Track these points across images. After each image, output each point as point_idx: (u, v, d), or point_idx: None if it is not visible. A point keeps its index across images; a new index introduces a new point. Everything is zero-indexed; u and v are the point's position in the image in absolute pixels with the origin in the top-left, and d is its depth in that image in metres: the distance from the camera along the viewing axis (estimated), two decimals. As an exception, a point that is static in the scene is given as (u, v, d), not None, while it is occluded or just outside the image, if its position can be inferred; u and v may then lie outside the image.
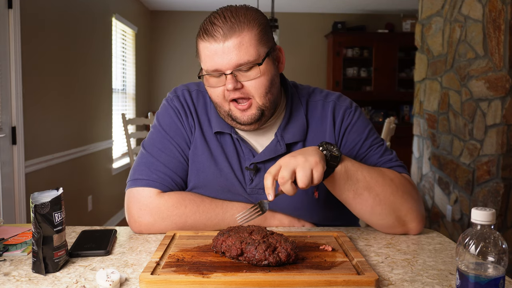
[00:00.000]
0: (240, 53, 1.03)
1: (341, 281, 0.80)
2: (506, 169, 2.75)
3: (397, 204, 1.07)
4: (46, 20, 3.02)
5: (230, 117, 1.10)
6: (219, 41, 1.03)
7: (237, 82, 1.05)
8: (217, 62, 1.04)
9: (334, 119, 1.19)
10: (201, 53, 1.07)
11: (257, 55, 1.04)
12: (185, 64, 6.34)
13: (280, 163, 0.97)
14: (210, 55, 1.04)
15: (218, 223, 1.13)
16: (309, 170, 0.94)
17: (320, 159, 0.96)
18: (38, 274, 0.86)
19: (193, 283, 0.79)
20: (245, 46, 1.03)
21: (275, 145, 1.15)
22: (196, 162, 1.17)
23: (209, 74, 1.06)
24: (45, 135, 3.02)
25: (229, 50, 1.02)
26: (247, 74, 1.05)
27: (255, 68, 1.05)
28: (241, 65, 1.03)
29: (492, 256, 0.68)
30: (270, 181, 0.95)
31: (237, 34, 1.03)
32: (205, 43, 1.05)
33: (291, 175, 0.94)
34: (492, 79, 2.80)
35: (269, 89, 1.08)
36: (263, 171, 1.15)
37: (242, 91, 1.06)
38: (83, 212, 3.72)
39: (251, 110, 1.08)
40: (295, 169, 0.94)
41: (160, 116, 1.21)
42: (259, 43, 1.05)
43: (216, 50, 1.03)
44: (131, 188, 1.15)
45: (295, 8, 6.14)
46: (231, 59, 1.03)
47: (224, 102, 1.09)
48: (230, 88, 1.04)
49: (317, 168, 0.95)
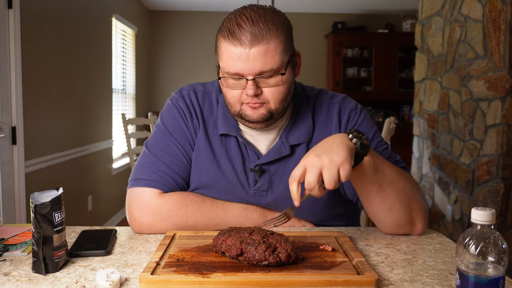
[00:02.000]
0: (264, 61, 1.01)
1: (341, 281, 0.80)
2: (506, 169, 2.75)
3: (412, 202, 1.08)
4: (46, 20, 3.02)
5: (240, 115, 1.10)
6: (245, 47, 1.00)
7: (257, 88, 1.04)
8: (240, 67, 1.02)
9: (339, 121, 1.19)
10: (223, 54, 1.05)
11: (280, 63, 1.03)
12: (185, 64, 6.34)
13: (305, 164, 0.92)
14: (234, 59, 1.02)
15: (219, 223, 1.13)
16: (336, 170, 0.90)
17: (347, 154, 0.92)
18: (38, 274, 0.86)
19: (193, 283, 0.79)
20: (271, 54, 1.01)
21: (279, 146, 1.15)
22: (198, 163, 1.17)
23: (230, 77, 1.05)
24: (45, 135, 3.02)
25: (254, 57, 1.00)
26: (268, 81, 1.04)
27: (277, 76, 1.04)
28: (264, 72, 1.02)
29: (492, 256, 0.68)
30: (296, 186, 0.92)
31: (264, 42, 1.00)
32: (229, 46, 1.02)
33: (318, 179, 0.91)
34: (492, 79, 2.80)
35: (285, 96, 1.08)
36: (268, 173, 1.15)
37: (260, 97, 1.05)
38: (83, 212, 3.72)
39: (262, 110, 1.07)
40: (321, 170, 0.91)
41: (164, 116, 1.21)
42: (284, 51, 1.04)
43: (241, 55, 1.01)
44: (133, 188, 1.15)
45: (295, 8, 6.14)
46: (255, 66, 1.01)
47: (238, 103, 1.08)
48: (250, 94, 1.03)
49: (344, 167, 0.90)
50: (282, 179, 1.15)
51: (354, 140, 0.96)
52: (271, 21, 1.03)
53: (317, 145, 0.97)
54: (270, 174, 1.16)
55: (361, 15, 6.42)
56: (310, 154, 0.94)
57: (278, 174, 1.16)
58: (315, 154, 0.92)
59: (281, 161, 1.16)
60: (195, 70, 6.30)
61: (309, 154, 0.94)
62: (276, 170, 1.16)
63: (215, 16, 6.25)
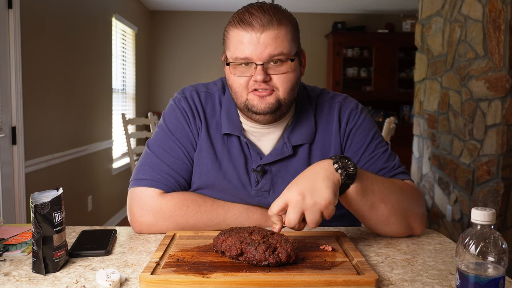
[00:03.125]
0: (275, 45, 1.03)
1: (341, 281, 0.80)
2: (506, 169, 2.75)
3: (408, 212, 1.07)
4: (46, 20, 3.02)
5: (247, 107, 1.09)
6: (256, 31, 1.03)
7: (266, 75, 1.05)
8: (250, 51, 1.03)
9: (339, 121, 1.19)
10: (232, 40, 1.06)
11: (290, 49, 1.05)
12: (185, 64, 6.34)
13: (286, 200, 0.92)
14: (244, 43, 1.04)
15: (220, 223, 1.13)
16: (319, 213, 0.91)
17: (331, 194, 0.91)
18: (38, 274, 0.86)
19: (193, 283, 0.79)
20: (281, 39, 1.04)
21: (282, 147, 1.15)
22: (200, 164, 1.17)
23: (239, 62, 1.05)
24: (45, 135, 3.02)
25: (264, 41, 1.03)
26: (277, 67, 1.05)
27: (287, 63, 1.05)
28: (274, 56, 1.03)
29: (492, 256, 0.68)
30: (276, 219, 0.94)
31: (275, 27, 1.03)
32: (240, 31, 1.04)
33: (300, 219, 0.91)
34: (492, 79, 2.80)
35: (294, 86, 1.09)
36: (270, 173, 1.15)
37: (269, 83, 1.06)
38: (83, 212, 3.72)
39: (270, 99, 1.07)
40: (304, 211, 0.91)
41: (166, 116, 1.21)
42: (293, 40, 1.07)
43: (251, 39, 1.03)
44: (134, 188, 1.15)
45: (295, 8, 6.13)
46: (265, 50, 1.03)
47: (244, 91, 1.08)
48: (259, 79, 1.04)
49: (328, 209, 0.91)
50: (284, 179, 1.15)
51: (340, 171, 0.95)
52: (280, 12, 1.06)
53: (300, 177, 0.95)
54: (272, 174, 1.16)
55: (361, 15, 6.41)
56: (292, 189, 0.92)
57: (280, 175, 1.16)
58: (298, 192, 0.91)
59: (283, 161, 1.16)
60: (195, 70, 6.30)
61: (291, 188, 0.93)
62: (278, 170, 1.16)
63: (215, 16, 6.25)
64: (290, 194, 0.92)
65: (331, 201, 0.91)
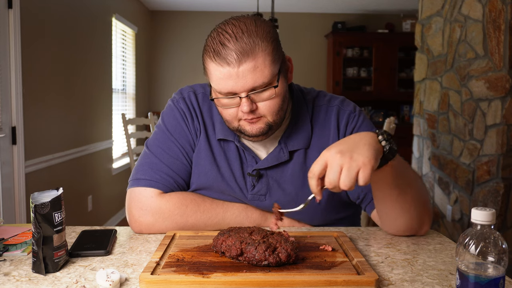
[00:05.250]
0: (255, 77, 0.99)
1: (341, 281, 0.80)
2: (506, 169, 2.75)
3: (424, 204, 1.08)
4: (46, 20, 3.02)
5: (239, 131, 1.09)
6: (233, 66, 0.98)
7: (252, 104, 1.02)
8: (231, 85, 1.00)
9: (338, 124, 1.18)
10: (212, 75, 1.03)
11: (271, 76, 1.01)
12: (185, 64, 6.34)
13: (326, 159, 0.87)
14: (224, 79, 1.00)
15: (219, 223, 1.13)
16: (356, 172, 0.85)
17: (371, 157, 0.86)
18: (38, 274, 0.86)
19: (193, 283, 0.79)
20: (260, 68, 0.99)
21: (278, 152, 1.15)
22: (199, 165, 1.17)
23: (223, 97, 1.04)
24: (45, 135, 3.02)
25: (243, 74, 0.99)
26: (261, 95, 1.02)
27: (270, 89, 1.02)
28: (257, 87, 1.01)
29: (492, 256, 0.68)
30: (315, 182, 0.88)
31: (251, 58, 0.98)
32: (217, 67, 1.00)
33: (338, 176, 0.85)
34: (492, 79, 2.80)
35: (281, 107, 1.07)
36: (265, 177, 1.15)
37: (255, 112, 1.04)
38: (83, 212, 3.72)
39: (260, 123, 1.06)
40: (341, 168, 0.85)
41: (165, 116, 1.21)
42: (273, 62, 1.01)
43: (230, 74, 0.99)
44: (133, 188, 1.15)
45: (295, 8, 6.14)
46: (246, 83, 0.99)
47: (235, 120, 1.07)
48: (245, 111, 1.02)
49: (365, 170, 0.85)
50: (280, 184, 1.15)
51: (383, 143, 0.90)
52: (255, 33, 1.00)
53: (342, 140, 0.92)
54: (268, 178, 1.15)
55: (361, 15, 6.41)
56: (332, 149, 0.88)
57: (276, 179, 1.16)
58: (338, 150, 0.87)
59: (279, 166, 1.15)
60: (195, 70, 6.30)
61: (331, 148, 0.88)
62: (274, 174, 1.16)
63: (215, 16, 6.24)
64: (330, 153, 0.87)
65: (370, 160, 0.85)
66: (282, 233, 0.93)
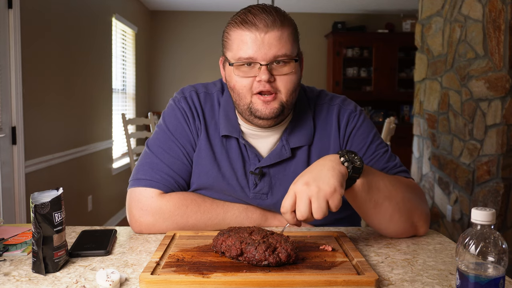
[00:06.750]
0: (279, 46, 1.03)
1: (341, 281, 0.80)
2: (506, 169, 2.75)
3: (412, 210, 1.07)
4: (46, 20, 3.02)
5: (250, 110, 1.08)
6: (261, 31, 1.02)
7: (271, 75, 1.04)
8: (254, 51, 1.03)
9: (339, 123, 1.18)
10: (234, 41, 1.05)
11: (293, 51, 1.06)
12: (185, 64, 6.34)
13: (295, 191, 0.90)
14: (248, 44, 1.03)
15: (219, 223, 1.13)
16: (325, 200, 0.88)
17: (337, 183, 0.89)
18: (38, 274, 0.86)
19: (193, 283, 0.79)
20: (285, 40, 1.04)
21: (280, 149, 1.15)
22: (199, 165, 1.16)
23: (242, 62, 1.04)
24: (45, 135, 3.02)
25: (269, 41, 1.02)
26: (281, 68, 1.05)
27: (290, 64, 1.05)
28: (279, 57, 1.03)
29: (492, 256, 0.68)
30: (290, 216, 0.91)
31: (278, 28, 1.03)
32: (243, 31, 1.03)
33: (309, 209, 0.89)
34: (492, 79, 2.80)
35: (295, 88, 1.09)
36: (268, 176, 1.15)
37: (272, 85, 1.05)
38: (83, 212, 3.72)
39: (275, 103, 1.07)
40: (310, 199, 0.89)
41: (166, 116, 1.21)
42: (295, 41, 1.07)
43: (256, 39, 1.02)
44: (133, 188, 1.14)
45: (295, 8, 6.14)
46: (270, 51, 1.02)
47: (248, 94, 1.07)
48: (264, 79, 1.03)
49: (334, 198, 0.89)
50: (282, 182, 1.15)
51: (346, 164, 0.93)
52: (282, 14, 1.06)
53: (307, 170, 0.95)
54: (270, 177, 1.15)
55: (361, 15, 6.41)
56: (299, 181, 0.91)
57: (278, 177, 1.15)
58: (304, 182, 0.90)
59: (281, 164, 1.15)
60: (195, 70, 6.30)
61: (298, 180, 0.92)
62: (276, 173, 1.15)
63: (215, 16, 6.25)
64: (297, 185, 0.91)
65: (336, 188, 0.89)
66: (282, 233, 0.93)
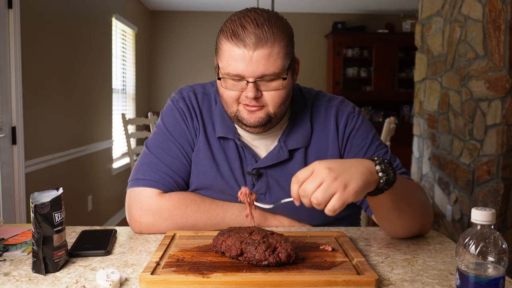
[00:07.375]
0: (267, 64, 1.00)
1: (341, 281, 0.80)
2: (506, 169, 2.75)
3: (425, 212, 1.09)
4: (46, 20, 3.02)
5: (237, 118, 1.09)
6: (249, 49, 0.99)
7: (258, 91, 1.03)
8: (242, 68, 1.00)
9: (337, 124, 1.18)
10: (224, 54, 1.03)
11: (282, 68, 1.02)
12: (185, 64, 6.34)
13: (314, 169, 0.85)
14: (236, 60, 1.01)
15: (219, 223, 1.13)
16: (331, 193, 0.83)
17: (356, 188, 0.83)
18: (38, 274, 0.86)
19: (193, 283, 0.79)
20: (274, 58, 1.01)
21: (278, 151, 1.15)
22: (198, 165, 1.17)
23: (230, 77, 1.03)
24: (45, 135, 3.02)
25: (257, 59, 0.99)
26: (268, 84, 1.03)
27: (278, 80, 1.03)
28: (266, 76, 1.01)
29: (492, 256, 0.68)
30: (296, 188, 0.86)
31: (268, 45, 1.00)
32: (232, 47, 1.01)
33: (314, 189, 0.83)
34: (492, 79, 2.80)
35: (284, 101, 1.07)
36: (265, 176, 1.15)
37: (259, 99, 1.04)
38: (83, 212, 3.72)
39: (260, 113, 1.06)
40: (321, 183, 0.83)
41: (165, 116, 1.21)
42: (286, 56, 1.03)
43: (244, 56, 1.00)
44: (133, 188, 1.14)
45: (295, 8, 6.14)
46: (258, 69, 1.00)
47: (234, 103, 1.07)
48: (250, 96, 1.02)
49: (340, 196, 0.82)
50: (280, 183, 1.15)
51: (380, 174, 0.88)
52: (275, 25, 1.02)
53: (339, 159, 0.91)
54: (268, 177, 1.15)
55: (361, 15, 6.41)
56: (324, 163, 0.85)
57: (276, 178, 1.15)
58: (328, 166, 0.84)
59: (279, 165, 1.15)
60: (195, 70, 6.30)
61: (323, 161, 0.86)
62: (274, 174, 1.15)
63: (215, 16, 6.25)
64: (319, 164, 0.85)
65: (350, 192, 0.83)
66: (282, 233, 0.93)
